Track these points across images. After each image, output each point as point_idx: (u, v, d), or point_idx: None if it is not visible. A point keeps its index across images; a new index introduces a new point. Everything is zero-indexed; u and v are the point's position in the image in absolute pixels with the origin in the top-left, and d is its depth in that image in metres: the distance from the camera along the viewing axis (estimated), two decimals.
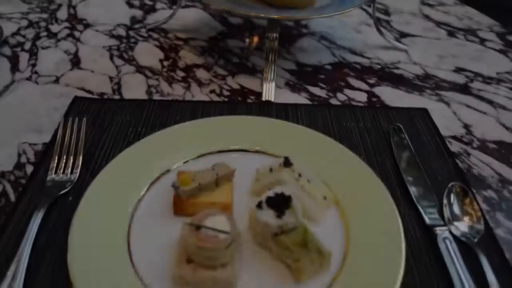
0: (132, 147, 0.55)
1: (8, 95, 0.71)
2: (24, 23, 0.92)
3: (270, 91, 0.69)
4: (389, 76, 0.80)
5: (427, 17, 1.03)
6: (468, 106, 0.74)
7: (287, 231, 0.43)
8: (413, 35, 0.94)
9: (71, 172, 0.55)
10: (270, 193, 0.46)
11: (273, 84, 0.70)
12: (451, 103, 0.75)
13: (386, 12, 1.03)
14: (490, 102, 0.76)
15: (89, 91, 0.72)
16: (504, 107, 0.75)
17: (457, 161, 0.63)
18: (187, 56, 0.82)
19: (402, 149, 0.62)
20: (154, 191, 0.53)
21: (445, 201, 0.52)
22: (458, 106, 0.74)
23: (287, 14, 0.70)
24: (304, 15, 0.69)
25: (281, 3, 0.74)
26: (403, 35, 0.94)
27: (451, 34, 0.96)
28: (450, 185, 0.54)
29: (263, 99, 0.70)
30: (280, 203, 0.45)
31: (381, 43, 0.89)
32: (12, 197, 0.53)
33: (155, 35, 0.88)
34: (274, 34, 0.71)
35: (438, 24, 1.00)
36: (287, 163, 0.51)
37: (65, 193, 0.52)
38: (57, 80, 0.75)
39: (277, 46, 0.71)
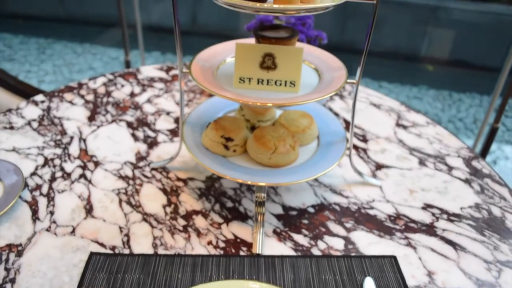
0: None
1: (31, 249, 0.82)
2: (40, 160, 1.04)
3: (259, 246, 0.80)
4: (365, 218, 0.91)
5: (401, 142, 1.15)
6: (433, 250, 0.85)
7: None
8: (387, 166, 1.06)
9: None
10: None
11: (262, 240, 0.81)
12: (418, 247, 0.86)
13: (364, 139, 1.16)
14: (452, 244, 0.87)
15: (102, 244, 0.83)
16: (464, 249, 0.86)
17: None
18: (187, 201, 0.93)
19: None
20: None
21: None
22: (424, 251, 0.85)
23: (274, 179, 0.81)
24: (291, 180, 0.81)
25: (266, 164, 0.86)
26: (378, 166, 1.06)
27: (422, 162, 1.08)
28: None
29: (253, 252, 0.81)
30: None
31: (358, 179, 1.01)
32: None
33: (158, 175, 1.00)
34: (262, 194, 0.82)
35: (411, 150, 1.12)
36: None
37: None
38: (73, 232, 0.85)
39: (265, 209, 0.83)
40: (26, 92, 1.64)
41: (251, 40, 0.93)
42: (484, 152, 2.03)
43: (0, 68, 1.58)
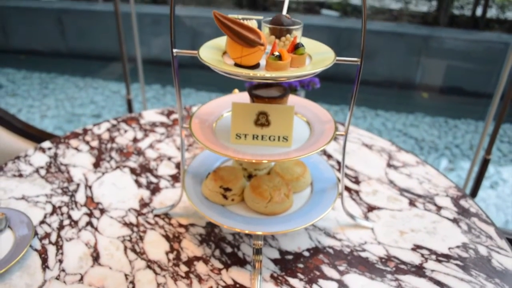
0: None
1: None
2: (49, 208, 1.09)
3: None
4: (357, 260, 0.96)
5: (392, 182, 1.21)
6: None
7: None
8: (379, 208, 1.11)
9: None
10: None
11: (260, 286, 0.87)
12: None
13: (356, 180, 1.22)
14: (440, 284, 0.92)
15: None
16: None
17: None
18: (189, 247, 0.98)
19: None
20: None
21: None
22: None
23: (271, 227, 0.87)
24: (287, 228, 0.86)
25: (262, 212, 0.92)
26: (370, 208, 1.11)
27: (412, 203, 1.14)
28: None
29: None
30: None
31: (351, 221, 1.06)
32: None
33: (161, 222, 1.05)
34: (260, 242, 0.88)
35: (401, 191, 1.18)
36: None
37: None
38: (81, 280, 0.90)
39: (262, 257, 0.88)
40: (33, 135, 1.70)
41: (246, 97, 1.00)
42: (477, 183, 2.08)
43: (9, 112, 1.65)
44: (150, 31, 4.83)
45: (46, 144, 1.36)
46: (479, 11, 4.75)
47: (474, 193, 2.13)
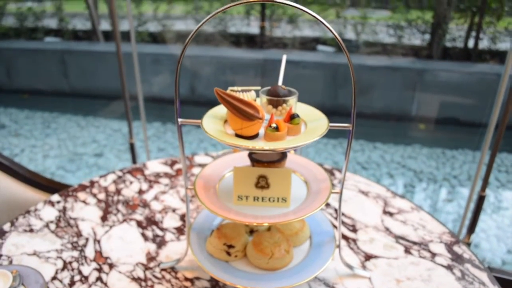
0: None
1: None
2: (60, 264, 1.14)
3: None
4: None
5: (388, 230, 1.26)
6: None
7: None
8: (376, 256, 1.16)
9: None
10: None
11: None
12: None
13: (354, 229, 1.27)
14: None
15: None
16: None
17: None
18: None
19: None
20: None
21: None
22: None
23: (272, 283, 0.92)
24: (288, 284, 0.91)
25: (264, 268, 0.97)
26: (367, 257, 1.16)
27: (407, 250, 1.19)
28: None
29: None
30: None
31: (349, 271, 1.11)
32: None
33: (167, 276, 1.10)
34: None
35: (397, 239, 1.23)
36: None
37: None
38: None
39: None
40: (41, 184, 1.76)
41: (246, 159, 1.06)
42: (474, 220, 2.12)
43: (16, 162, 1.71)
44: (150, 69, 4.94)
45: (55, 197, 1.41)
46: (471, 43, 4.87)
47: (472, 229, 2.17)
